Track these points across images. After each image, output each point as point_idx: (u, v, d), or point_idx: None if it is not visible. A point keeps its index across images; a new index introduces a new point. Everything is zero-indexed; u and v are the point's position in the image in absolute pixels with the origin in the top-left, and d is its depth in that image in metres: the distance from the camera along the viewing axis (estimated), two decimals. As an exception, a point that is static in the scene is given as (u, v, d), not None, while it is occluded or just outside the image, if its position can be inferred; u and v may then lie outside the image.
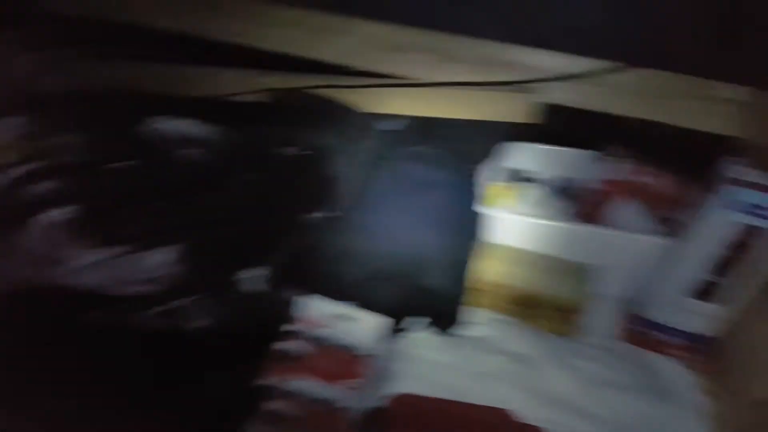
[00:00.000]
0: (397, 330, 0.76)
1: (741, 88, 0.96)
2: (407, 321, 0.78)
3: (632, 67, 1.00)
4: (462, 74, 1.15)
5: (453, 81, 1.15)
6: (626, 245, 0.86)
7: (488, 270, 0.83)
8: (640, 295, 0.85)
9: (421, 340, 0.77)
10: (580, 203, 0.99)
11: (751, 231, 0.74)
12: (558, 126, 1.12)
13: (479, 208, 0.84)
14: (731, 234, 0.74)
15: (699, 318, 0.80)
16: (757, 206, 0.72)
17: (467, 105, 1.16)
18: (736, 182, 0.72)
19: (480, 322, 0.81)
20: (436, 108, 1.14)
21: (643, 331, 0.83)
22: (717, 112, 0.98)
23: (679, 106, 1.01)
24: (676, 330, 0.82)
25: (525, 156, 1.06)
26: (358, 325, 0.71)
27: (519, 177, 1.06)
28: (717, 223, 0.74)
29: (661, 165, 0.97)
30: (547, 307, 0.83)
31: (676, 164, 0.98)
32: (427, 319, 0.79)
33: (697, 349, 0.81)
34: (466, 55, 1.14)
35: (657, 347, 0.82)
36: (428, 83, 1.15)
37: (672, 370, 0.79)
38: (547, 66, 1.09)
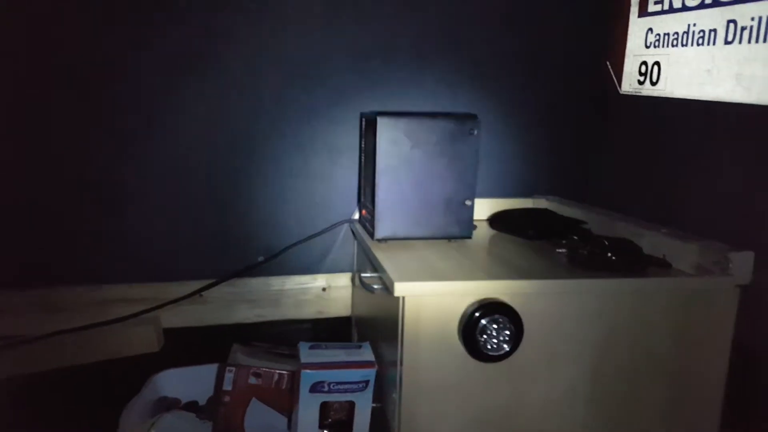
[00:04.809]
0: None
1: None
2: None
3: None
4: (72, 321, 1.16)
5: (64, 329, 1.16)
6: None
7: None
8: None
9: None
10: (218, 419, 1.03)
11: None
12: (180, 346, 1.19)
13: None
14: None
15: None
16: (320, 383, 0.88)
17: (88, 349, 1.16)
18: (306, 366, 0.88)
19: None
20: (51, 360, 1.12)
21: None
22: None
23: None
24: None
25: (166, 383, 1.11)
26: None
27: (165, 405, 1.08)
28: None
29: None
30: None
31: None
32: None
33: None
34: (74, 301, 1.17)
35: None
36: (34, 337, 1.13)
37: None
38: (156, 295, 1.19)
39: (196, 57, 1.18)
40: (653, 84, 1.12)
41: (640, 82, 1.16)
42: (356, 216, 1.25)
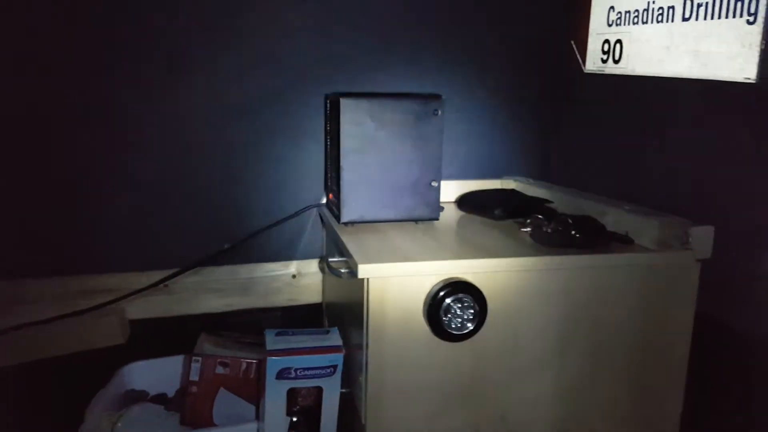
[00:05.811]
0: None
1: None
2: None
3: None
4: (35, 314, 1.14)
5: (27, 322, 1.14)
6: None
7: None
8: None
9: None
10: (185, 409, 1.01)
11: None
12: (146, 338, 1.17)
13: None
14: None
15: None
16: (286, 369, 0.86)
17: (52, 342, 1.14)
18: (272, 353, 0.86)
19: None
20: (13, 355, 1.10)
21: None
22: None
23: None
24: None
25: (133, 375, 1.09)
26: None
27: (132, 398, 1.06)
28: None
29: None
30: None
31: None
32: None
33: None
34: (37, 293, 1.15)
35: None
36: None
37: None
38: (121, 285, 1.17)
39: (160, 45, 1.16)
40: (616, 62, 1.13)
41: (604, 61, 1.16)
42: (324, 200, 1.24)
